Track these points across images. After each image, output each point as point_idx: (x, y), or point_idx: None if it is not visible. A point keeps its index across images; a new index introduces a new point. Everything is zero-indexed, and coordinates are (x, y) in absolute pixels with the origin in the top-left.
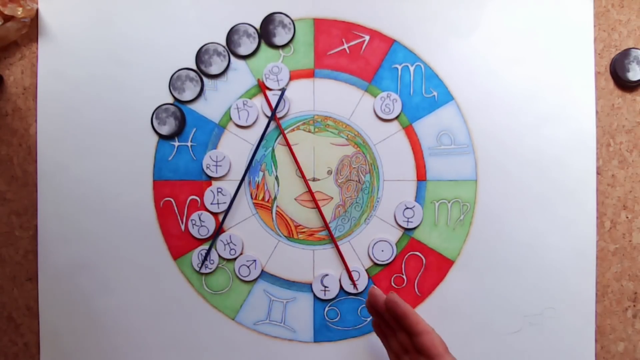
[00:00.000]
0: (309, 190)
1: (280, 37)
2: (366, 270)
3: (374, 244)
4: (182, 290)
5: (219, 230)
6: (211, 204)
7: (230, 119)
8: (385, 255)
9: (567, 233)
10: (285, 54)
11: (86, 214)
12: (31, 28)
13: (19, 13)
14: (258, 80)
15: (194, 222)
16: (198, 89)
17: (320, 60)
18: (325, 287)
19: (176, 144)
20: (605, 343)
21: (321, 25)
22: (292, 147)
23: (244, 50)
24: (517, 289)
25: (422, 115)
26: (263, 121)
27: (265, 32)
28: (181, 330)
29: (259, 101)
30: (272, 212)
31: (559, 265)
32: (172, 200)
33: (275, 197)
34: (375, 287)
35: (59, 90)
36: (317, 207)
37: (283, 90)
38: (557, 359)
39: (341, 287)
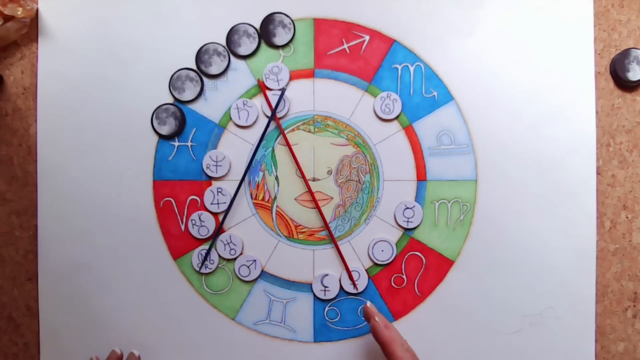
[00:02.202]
0: (309, 190)
1: (280, 37)
2: (366, 270)
3: (374, 244)
4: (182, 290)
5: (219, 230)
6: (211, 204)
7: (230, 119)
8: (385, 255)
9: (567, 233)
10: (285, 54)
11: (86, 214)
12: (31, 28)
13: (19, 13)
14: (258, 80)
15: (194, 222)
16: (198, 89)
17: (320, 60)
18: (325, 287)
19: (176, 144)
20: (605, 343)
21: (321, 25)
22: (292, 147)
23: (244, 50)
24: (517, 289)
25: (422, 115)
26: (263, 121)
27: (265, 32)
28: (181, 330)
29: (259, 101)
30: (272, 212)
31: (559, 265)
32: (172, 200)
33: (275, 197)
34: (369, 304)
35: (59, 90)
36: (317, 207)
37: (283, 90)
38: (557, 359)
39: (341, 287)
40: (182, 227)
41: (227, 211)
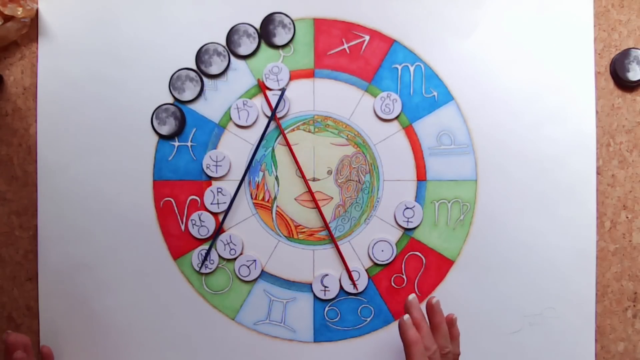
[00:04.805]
0: (309, 190)
1: (280, 37)
2: (366, 270)
3: (374, 244)
4: (182, 290)
5: (219, 230)
6: (211, 204)
7: (230, 119)
8: (385, 255)
9: (567, 233)
10: (285, 54)
11: (86, 214)
12: (31, 28)
13: (19, 13)
14: (258, 80)
15: (194, 222)
16: (198, 89)
17: (320, 60)
18: (325, 287)
19: (176, 144)
20: (605, 343)
21: (321, 25)
22: (292, 147)
23: (244, 50)
24: (517, 289)
25: (422, 115)
26: (263, 121)
27: (265, 32)
28: (181, 330)
29: (259, 101)
30: (272, 212)
31: (559, 265)
32: (172, 200)
33: (275, 197)
34: (412, 297)
35: (59, 90)
36: (317, 207)
37: (283, 90)
38: (557, 359)
39: (341, 287)
40: (182, 227)
41: (227, 211)
